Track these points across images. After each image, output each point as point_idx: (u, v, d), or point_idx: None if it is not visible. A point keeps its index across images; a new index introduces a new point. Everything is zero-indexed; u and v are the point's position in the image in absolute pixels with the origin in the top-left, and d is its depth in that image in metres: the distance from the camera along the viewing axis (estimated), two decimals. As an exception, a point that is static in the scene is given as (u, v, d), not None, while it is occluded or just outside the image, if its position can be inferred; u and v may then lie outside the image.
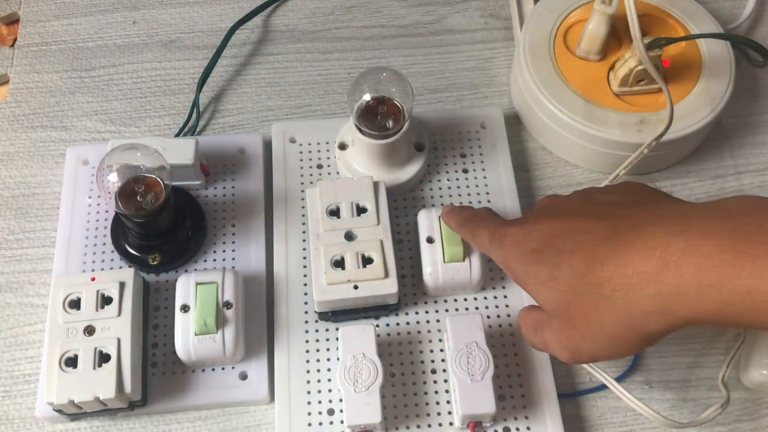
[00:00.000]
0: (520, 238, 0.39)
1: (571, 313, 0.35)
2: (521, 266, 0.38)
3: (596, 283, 0.34)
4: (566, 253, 0.36)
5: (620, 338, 0.34)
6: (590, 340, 0.35)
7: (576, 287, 0.35)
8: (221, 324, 0.43)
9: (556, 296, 0.36)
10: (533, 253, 0.37)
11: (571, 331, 0.36)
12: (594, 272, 0.34)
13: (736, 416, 0.46)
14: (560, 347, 0.37)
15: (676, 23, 0.55)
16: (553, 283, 0.36)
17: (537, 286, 0.37)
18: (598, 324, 0.34)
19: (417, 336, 0.46)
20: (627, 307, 0.33)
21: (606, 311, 0.34)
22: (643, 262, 0.32)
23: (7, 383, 0.46)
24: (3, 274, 0.49)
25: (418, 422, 0.43)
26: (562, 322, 0.36)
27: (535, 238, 0.38)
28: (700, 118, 0.51)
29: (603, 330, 0.34)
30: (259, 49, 0.60)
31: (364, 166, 0.50)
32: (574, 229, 0.36)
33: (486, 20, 0.61)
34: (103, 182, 0.44)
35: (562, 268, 0.35)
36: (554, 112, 0.52)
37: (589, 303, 0.34)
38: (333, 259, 0.45)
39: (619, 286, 0.33)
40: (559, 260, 0.36)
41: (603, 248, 0.34)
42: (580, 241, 0.35)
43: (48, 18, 0.60)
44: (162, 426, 0.45)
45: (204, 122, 0.56)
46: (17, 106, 0.56)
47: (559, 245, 0.36)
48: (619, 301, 0.33)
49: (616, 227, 0.35)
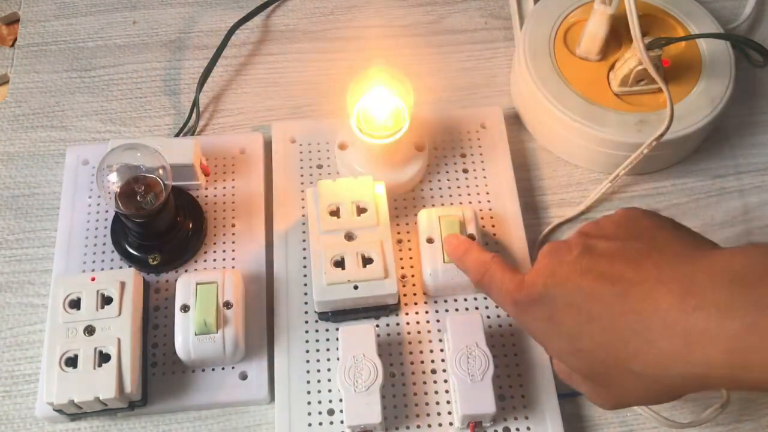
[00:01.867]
0: (533, 307, 0.37)
1: (603, 381, 0.36)
2: (541, 336, 0.38)
3: (622, 358, 0.34)
4: (584, 324, 0.35)
5: (657, 399, 0.35)
6: (631, 398, 0.36)
7: (602, 359, 0.35)
8: (221, 324, 0.43)
9: (583, 365, 0.36)
10: (549, 322, 0.36)
11: (603, 392, 0.37)
12: (618, 348, 0.34)
13: (736, 416, 0.46)
14: (596, 401, 0.38)
15: (676, 23, 0.55)
16: (579, 354, 0.36)
17: (562, 356, 0.37)
18: (632, 391, 0.35)
19: (417, 336, 0.46)
20: (657, 382, 0.33)
21: (636, 384, 0.34)
22: (666, 342, 0.32)
23: (7, 383, 0.46)
24: (3, 274, 0.49)
25: (418, 422, 0.43)
26: (595, 384, 0.37)
27: (548, 304, 0.36)
28: (700, 118, 0.51)
29: (637, 396, 0.35)
30: (259, 49, 0.60)
31: (364, 166, 0.50)
32: (584, 297, 0.35)
33: (486, 20, 0.61)
34: (103, 182, 0.44)
35: (584, 341, 0.35)
36: (554, 112, 0.52)
37: (618, 376, 0.34)
38: (333, 259, 0.45)
39: (646, 364, 0.33)
40: (578, 332, 0.35)
41: (620, 324, 0.33)
42: (595, 313, 0.34)
43: (48, 18, 0.60)
44: (162, 426, 0.45)
45: (204, 122, 0.56)
46: (17, 106, 0.56)
47: (573, 315, 0.35)
48: (648, 378, 0.33)
49: (626, 295, 0.33)
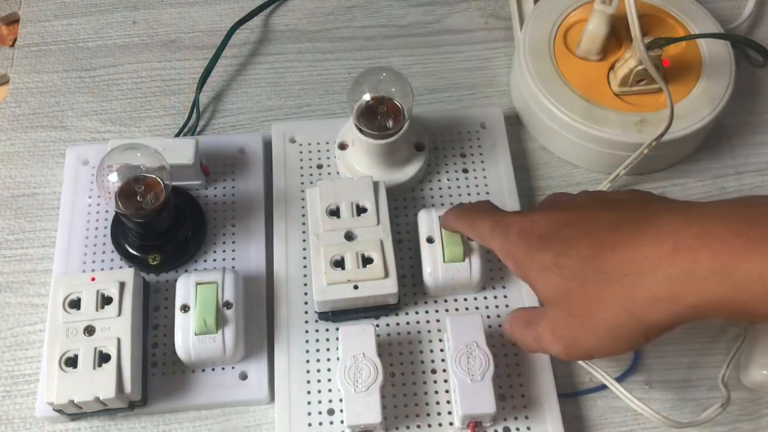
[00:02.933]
0: (526, 226, 0.38)
1: (572, 300, 0.35)
2: (525, 253, 0.37)
3: (603, 269, 0.34)
4: (574, 240, 0.35)
5: (620, 328, 0.33)
6: (588, 330, 0.35)
7: (580, 273, 0.34)
8: (221, 324, 0.43)
9: (557, 283, 0.35)
10: (540, 239, 0.37)
11: (568, 320, 0.35)
12: (602, 258, 0.34)
13: (736, 416, 0.46)
14: (555, 339, 0.36)
15: (676, 23, 0.55)
16: (557, 269, 0.35)
17: (539, 272, 0.36)
18: (598, 312, 0.34)
19: (417, 336, 0.46)
20: (632, 292, 0.32)
21: (609, 297, 0.33)
22: (654, 246, 0.32)
23: (7, 383, 0.46)
24: (3, 274, 0.49)
25: (418, 422, 0.43)
26: (560, 309, 0.36)
27: (542, 226, 0.37)
28: (700, 118, 0.51)
29: (603, 318, 0.34)
30: (259, 49, 0.60)
31: (364, 166, 0.50)
32: (583, 219, 0.36)
33: (486, 20, 0.61)
34: (103, 182, 0.44)
35: (569, 255, 0.35)
36: (554, 112, 0.52)
37: (593, 290, 0.34)
38: (333, 259, 0.45)
39: (627, 270, 0.33)
40: (565, 247, 0.35)
41: (613, 236, 0.34)
42: (589, 230, 0.35)
43: (48, 18, 0.60)
44: (162, 426, 0.45)
45: (204, 122, 0.56)
46: (17, 106, 0.56)
47: (567, 233, 0.36)
48: (625, 286, 0.33)
49: (626, 218, 0.35)
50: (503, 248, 0.39)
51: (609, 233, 0.35)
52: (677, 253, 0.31)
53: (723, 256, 0.30)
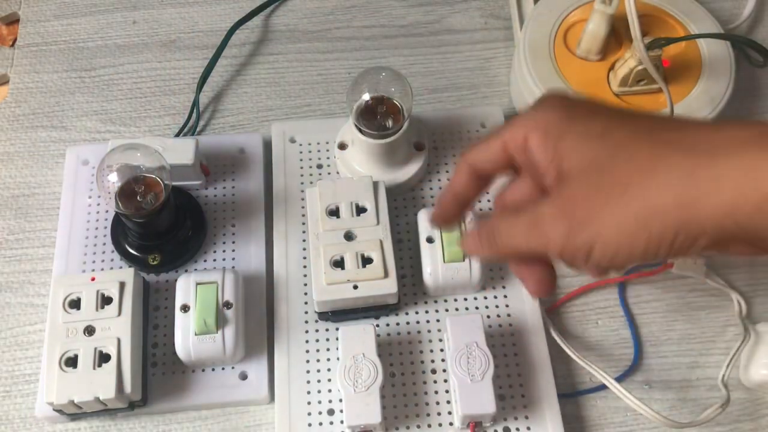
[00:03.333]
0: (565, 101, 0.32)
1: (608, 172, 0.28)
2: (564, 122, 0.30)
3: (666, 139, 0.28)
4: (629, 117, 0.30)
5: (657, 214, 0.27)
6: (611, 211, 0.28)
7: (634, 144, 0.28)
8: (221, 324, 0.43)
9: (599, 152, 0.29)
10: (584, 108, 0.31)
11: (591, 195, 0.28)
12: (667, 131, 0.28)
13: (736, 416, 0.46)
14: (559, 216, 0.29)
15: (676, 23, 0.55)
16: (606, 137, 0.29)
17: (577, 138, 0.30)
18: (640, 188, 0.27)
19: (417, 336, 0.46)
20: (696, 168, 0.26)
21: (665, 169, 0.27)
22: (737, 130, 0.26)
23: (7, 383, 0.46)
24: (3, 274, 0.49)
25: (418, 422, 0.43)
26: (584, 183, 0.29)
27: (585, 104, 0.31)
28: (700, 118, 0.51)
29: (642, 196, 0.27)
30: (259, 49, 0.60)
31: (363, 165, 0.50)
32: (638, 114, 0.30)
33: (486, 20, 0.61)
34: (103, 182, 0.44)
35: (624, 124, 0.29)
36: (554, 112, 0.51)
37: (646, 160, 0.27)
38: (333, 259, 0.45)
39: (698, 143, 0.27)
40: (619, 119, 0.30)
41: (685, 123, 0.28)
42: (651, 117, 0.29)
43: (48, 18, 0.60)
44: (162, 426, 0.45)
45: (204, 122, 0.56)
46: (17, 106, 0.56)
47: (620, 113, 0.30)
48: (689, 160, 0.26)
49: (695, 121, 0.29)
50: (534, 120, 0.32)
51: (678, 122, 0.29)
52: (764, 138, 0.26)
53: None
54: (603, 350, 0.48)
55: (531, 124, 0.32)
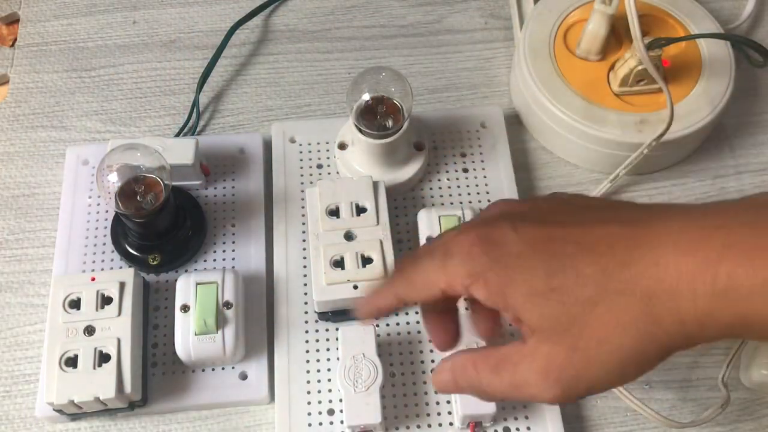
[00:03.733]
0: (493, 244, 0.30)
1: (576, 331, 0.28)
2: (503, 274, 0.30)
3: (619, 289, 0.28)
4: (567, 257, 0.29)
5: (636, 357, 0.28)
6: (597, 365, 0.29)
7: (587, 297, 0.28)
8: (221, 324, 0.43)
9: (556, 311, 0.29)
10: (520, 258, 0.30)
11: (572, 355, 0.29)
12: (614, 277, 0.28)
13: (736, 416, 0.46)
14: (549, 381, 0.29)
15: (676, 23, 0.55)
16: (554, 294, 0.29)
17: (529, 298, 0.29)
18: (616, 341, 0.28)
19: (417, 336, 0.46)
20: (660, 316, 0.27)
21: (631, 323, 0.28)
22: (679, 261, 0.27)
23: (7, 383, 0.46)
24: (3, 274, 0.49)
25: (418, 422, 0.43)
26: (559, 344, 0.29)
27: (517, 241, 0.30)
28: (700, 118, 0.51)
29: (620, 348, 0.28)
30: (259, 49, 0.60)
31: (363, 165, 0.50)
32: (572, 232, 0.30)
33: (486, 20, 0.61)
34: (103, 182, 0.44)
35: (566, 274, 0.29)
36: (554, 112, 0.52)
37: (606, 314, 0.28)
38: (332, 259, 0.45)
39: (649, 290, 0.27)
40: (558, 266, 0.29)
41: (621, 250, 0.28)
42: (586, 243, 0.29)
43: (48, 18, 0.60)
44: (162, 426, 0.45)
45: (204, 122, 0.56)
46: (17, 106, 0.56)
47: (555, 248, 0.29)
48: (651, 309, 0.27)
49: (630, 226, 0.29)
50: (469, 276, 0.30)
51: (613, 245, 0.28)
52: (709, 268, 0.26)
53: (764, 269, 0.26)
54: (603, 350, 0.48)
55: (467, 278, 0.30)
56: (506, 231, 0.30)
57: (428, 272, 0.32)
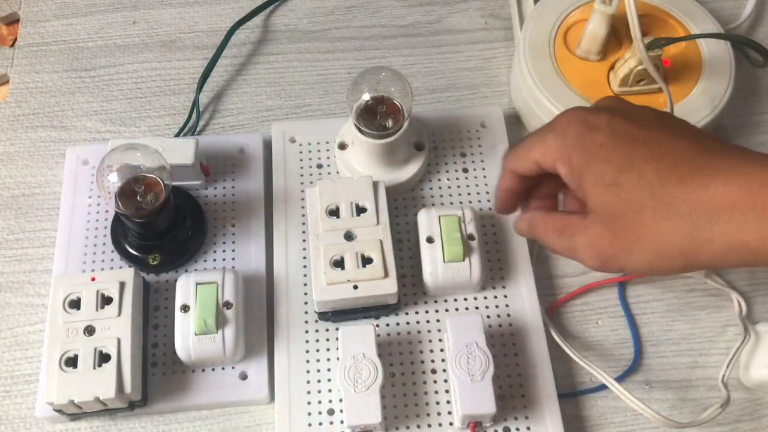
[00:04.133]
0: (587, 127, 0.36)
1: (623, 223, 0.34)
2: (583, 158, 0.35)
3: (667, 201, 0.33)
4: (639, 160, 0.34)
5: (666, 260, 0.34)
6: (632, 254, 0.34)
7: (640, 199, 0.33)
8: (221, 324, 0.43)
9: (613, 202, 0.34)
10: (602, 148, 0.35)
11: (613, 240, 0.35)
12: (667, 189, 0.33)
13: (736, 416, 0.46)
14: (593, 254, 0.36)
15: (676, 23, 0.55)
16: (616, 188, 0.34)
17: (596, 186, 0.35)
18: (648, 241, 0.33)
19: (417, 336, 0.46)
20: (694, 231, 0.32)
21: (667, 230, 0.33)
22: (726, 189, 0.31)
23: (7, 383, 0.46)
24: (3, 274, 0.49)
25: (418, 422, 0.43)
26: (606, 229, 0.35)
27: (606, 132, 0.35)
28: (700, 118, 0.51)
29: (653, 248, 0.34)
30: (259, 49, 0.60)
31: (363, 165, 0.50)
32: (651, 138, 0.34)
33: (486, 20, 0.61)
34: (103, 182, 0.44)
35: (632, 175, 0.34)
36: (554, 112, 0.51)
37: (650, 219, 0.33)
38: (332, 259, 0.45)
39: (693, 208, 0.32)
40: (629, 165, 0.34)
41: (683, 167, 0.33)
42: (657, 152, 0.34)
43: (48, 18, 0.60)
44: (162, 426, 0.45)
45: (204, 122, 0.56)
46: (17, 106, 0.56)
47: (632, 149, 0.34)
48: (688, 224, 0.32)
49: (697, 148, 0.34)
50: (558, 150, 0.37)
51: (677, 162, 0.33)
52: (748, 199, 0.31)
53: None
54: (603, 350, 0.48)
55: (556, 152, 0.37)
56: (602, 119, 0.36)
57: (530, 143, 0.38)
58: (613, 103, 0.39)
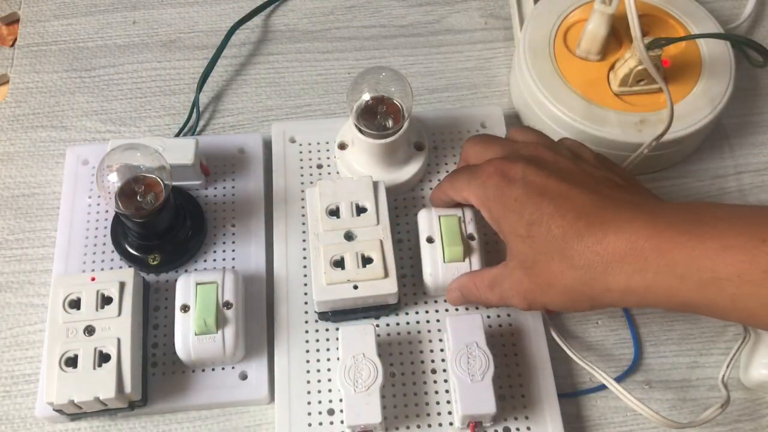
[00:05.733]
0: (505, 180, 0.40)
1: (537, 270, 0.39)
2: (501, 210, 0.40)
3: (569, 254, 0.37)
4: (546, 215, 0.38)
5: (575, 302, 0.39)
6: (548, 297, 0.39)
7: (549, 251, 0.38)
8: (221, 324, 0.43)
9: (528, 251, 0.39)
10: (516, 202, 0.39)
11: (532, 285, 0.39)
12: (569, 243, 0.37)
13: (736, 416, 0.46)
14: (520, 298, 0.40)
15: (676, 23, 0.55)
16: (529, 240, 0.39)
17: (512, 235, 0.40)
18: (559, 288, 0.38)
19: (417, 336, 0.46)
20: (592, 281, 0.37)
21: (571, 280, 0.37)
22: (615, 242, 0.36)
23: (7, 383, 0.46)
24: (3, 274, 0.49)
25: (418, 422, 0.43)
26: (525, 275, 0.40)
27: (520, 186, 0.39)
28: (700, 118, 0.51)
29: (563, 293, 0.38)
30: (259, 49, 0.60)
31: (364, 165, 0.50)
32: (560, 194, 0.38)
33: (486, 20, 0.61)
34: (103, 182, 0.44)
35: (540, 228, 0.38)
36: (554, 112, 0.52)
37: (557, 269, 0.38)
38: (333, 259, 0.45)
39: (590, 262, 0.36)
40: (538, 218, 0.38)
41: (581, 222, 0.37)
42: (563, 208, 0.38)
43: (48, 18, 0.60)
44: (162, 426, 0.45)
45: (204, 122, 0.56)
46: (17, 106, 0.56)
47: (541, 203, 0.38)
48: (586, 275, 0.37)
49: (598, 204, 0.38)
50: (480, 199, 0.42)
51: (578, 217, 0.37)
52: (633, 252, 0.35)
53: (669, 254, 0.34)
54: (603, 350, 0.48)
55: (479, 200, 0.42)
56: (518, 171, 0.40)
57: (458, 185, 0.44)
58: (534, 150, 0.42)
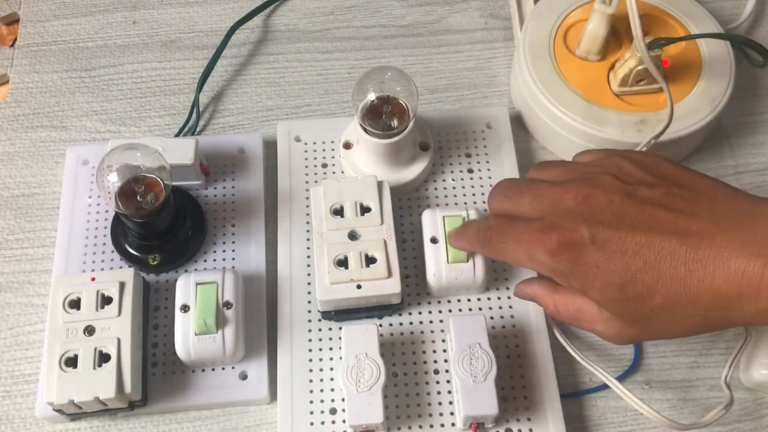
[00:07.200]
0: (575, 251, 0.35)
1: (644, 323, 0.36)
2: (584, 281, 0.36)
3: (679, 306, 0.34)
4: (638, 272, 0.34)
5: (694, 332, 0.36)
6: (659, 338, 0.38)
7: (656, 306, 0.35)
8: (221, 324, 0.43)
9: (629, 311, 0.36)
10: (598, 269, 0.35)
11: (639, 333, 0.37)
12: (677, 294, 0.34)
13: (737, 416, 0.46)
14: (620, 340, 0.38)
15: (676, 23, 0.55)
16: (626, 302, 0.35)
17: (605, 301, 0.36)
18: (673, 332, 0.36)
19: (420, 336, 0.46)
20: (715, 321, 0.34)
21: (684, 328, 0.35)
22: (726, 287, 0.33)
23: (7, 383, 0.46)
24: (3, 274, 0.49)
25: (420, 422, 0.43)
26: (629, 326, 0.36)
27: (591, 249, 0.35)
28: (700, 118, 0.51)
29: (678, 335, 0.36)
30: (259, 49, 0.60)
31: (368, 165, 0.50)
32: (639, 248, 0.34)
33: (486, 20, 0.61)
34: (103, 182, 0.44)
35: (636, 288, 0.34)
36: (554, 112, 0.52)
37: (670, 318, 0.35)
38: (336, 259, 0.45)
39: (706, 307, 0.34)
40: (631, 279, 0.34)
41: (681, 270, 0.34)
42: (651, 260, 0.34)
43: (48, 18, 0.60)
44: (162, 426, 0.45)
45: (204, 122, 0.56)
46: (17, 106, 0.56)
47: (626, 262, 0.34)
48: (704, 321, 0.35)
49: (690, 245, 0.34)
50: (555, 274, 0.37)
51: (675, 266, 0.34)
52: (749, 288, 0.32)
53: None
54: (603, 350, 0.48)
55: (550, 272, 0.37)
56: (584, 237, 0.35)
57: (517, 255, 0.38)
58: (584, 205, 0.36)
